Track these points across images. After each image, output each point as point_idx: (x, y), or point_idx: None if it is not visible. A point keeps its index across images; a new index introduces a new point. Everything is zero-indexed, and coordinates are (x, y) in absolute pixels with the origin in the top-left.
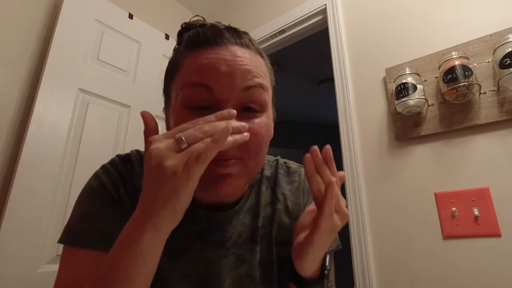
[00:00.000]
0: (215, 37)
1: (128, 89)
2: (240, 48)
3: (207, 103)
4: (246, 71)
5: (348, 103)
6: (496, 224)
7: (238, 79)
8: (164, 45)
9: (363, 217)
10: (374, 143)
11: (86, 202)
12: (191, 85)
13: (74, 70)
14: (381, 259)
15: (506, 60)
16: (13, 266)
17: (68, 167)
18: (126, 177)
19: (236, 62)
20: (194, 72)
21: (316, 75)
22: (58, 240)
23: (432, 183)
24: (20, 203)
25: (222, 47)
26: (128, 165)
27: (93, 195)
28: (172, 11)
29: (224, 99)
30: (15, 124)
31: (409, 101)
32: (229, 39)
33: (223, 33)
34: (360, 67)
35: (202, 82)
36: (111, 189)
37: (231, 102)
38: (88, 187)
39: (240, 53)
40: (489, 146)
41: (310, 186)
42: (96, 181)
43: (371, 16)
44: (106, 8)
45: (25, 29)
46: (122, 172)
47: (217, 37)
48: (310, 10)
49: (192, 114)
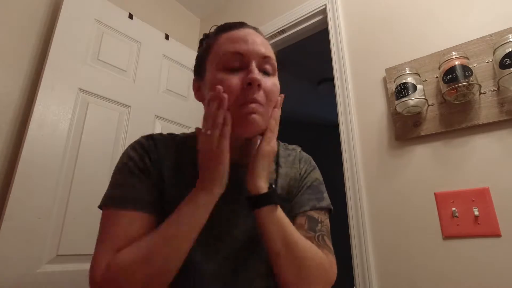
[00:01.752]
0: (239, 24)
1: (128, 89)
2: (254, 31)
3: (238, 65)
4: (264, 45)
5: (348, 103)
6: (496, 224)
7: (259, 48)
8: (164, 45)
9: (363, 217)
10: (374, 143)
11: (117, 174)
12: (227, 54)
13: (74, 70)
14: (381, 259)
15: (506, 60)
16: (13, 266)
17: (68, 167)
18: (150, 151)
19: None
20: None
21: (316, 75)
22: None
23: (432, 183)
24: (20, 203)
25: (244, 30)
26: (151, 142)
27: (123, 168)
28: (172, 11)
29: (250, 60)
30: (15, 124)
31: (409, 101)
32: (249, 26)
33: (244, 22)
34: (360, 67)
35: (235, 50)
36: (138, 160)
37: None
38: (120, 163)
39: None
40: (489, 146)
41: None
42: (126, 157)
43: (371, 16)
44: (106, 8)
45: (25, 29)
46: (146, 147)
47: (240, 23)
48: (310, 10)
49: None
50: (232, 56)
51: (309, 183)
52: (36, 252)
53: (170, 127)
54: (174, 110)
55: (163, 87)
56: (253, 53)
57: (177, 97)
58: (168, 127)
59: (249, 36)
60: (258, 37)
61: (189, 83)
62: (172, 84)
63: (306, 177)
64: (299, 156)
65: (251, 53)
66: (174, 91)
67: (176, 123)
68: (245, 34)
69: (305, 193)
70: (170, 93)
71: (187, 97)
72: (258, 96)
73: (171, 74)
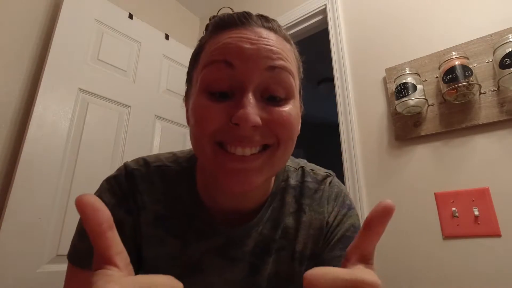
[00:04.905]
0: (241, 18)
1: (128, 89)
2: (266, 30)
3: (228, 86)
4: (270, 51)
5: (348, 103)
6: (496, 224)
7: (261, 57)
8: (164, 45)
9: (363, 217)
10: (374, 143)
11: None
12: (211, 63)
13: (74, 70)
14: (381, 259)
15: (506, 60)
16: (13, 266)
17: (68, 167)
18: (129, 196)
19: (261, 41)
20: (215, 50)
21: (316, 75)
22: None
23: (432, 183)
24: (20, 203)
25: (247, 28)
26: (131, 183)
27: None
28: (172, 11)
29: (246, 79)
30: (15, 124)
31: (409, 101)
32: (256, 21)
33: (250, 15)
34: (360, 67)
35: (223, 58)
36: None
37: (253, 83)
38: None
39: (265, 34)
40: (489, 146)
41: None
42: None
43: (371, 16)
44: (106, 8)
45: (25, 29)
46: (126, 191)
47: (243, 18)
48: (310, 10)
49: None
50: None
51: (339, 234)
52: (36, 252)
53: (170, 127)
54: (174, 110)
55: (163, 87)
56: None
57: (177, 97)
58: (168, 127)
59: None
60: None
61: None
62: (172, 84)
63: (337, 226)
64: (328, 192)
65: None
66: (174, 91)
67: (176, 123)
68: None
69: (334, 248)
70: (170, 93)
71: None
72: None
73: (171, 74)
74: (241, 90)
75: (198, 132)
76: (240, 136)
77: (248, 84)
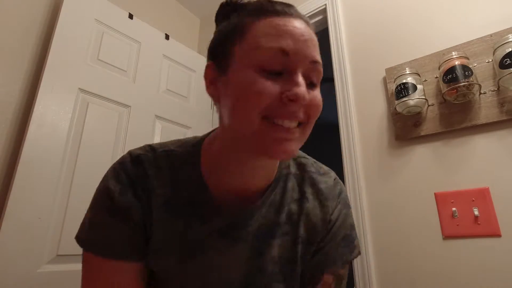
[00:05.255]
0: (288, 8)
1: (128, 89)
2: (304, 23)
3: (280, 68)
4: (314, 46)
5: (348, 103)
6: (496, 224)
7: (311, 51)
8: (164, 45)
9: (363, 217)
10: (374, 143)
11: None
12: (268, 49)
13: (74, 70)
14: (381, 259)
15: (506, 60)
16: (13, 266)
17: (68, 167)
18: (137, 182)
19: (309, 36)
20: (269, 36)
21: None
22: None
23: (432, 183)
24: (20, 203)
25: (295, 19)
26: (140, 168)
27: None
28: (172, 11)
29: (297, 65)
30: (15, 124)
31: (409, 101)
32: (299, 14)
33: (293, 6)
34: (360, 67)
35: (279, 46)
36: (119, 196)
37: (301, 70)
38: (98, 193)
39: (309, 30)
40: (489, 146)
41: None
42: (104, 187)
43: (371, 16)
44: (106, 8)
45: (25, 29)
46: (132, 176)
47: (290, 8)
48: (310, 10)
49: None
50: (275, 55)
51: (342, 233)
52: (36, 252)
53: (170, 127)
54: (174, 110)
55: (163, 87)
56: (302, 57)
57: (177, 97)
58: (168, 127)
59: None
60: (311, 34)
61: (189, 83)
62: (172, 84)
63: (341, 224)
64: (332, 186)
65: (300, 57)
66: (174, 91)
67: (176, 123)
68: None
69: (339, 245)
70: (170, 93)
71: (187, 97)
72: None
73: (171, 74)
74: (291, 72)
75: (247, 105)
76: (291, 111)
77: (298, 69)
